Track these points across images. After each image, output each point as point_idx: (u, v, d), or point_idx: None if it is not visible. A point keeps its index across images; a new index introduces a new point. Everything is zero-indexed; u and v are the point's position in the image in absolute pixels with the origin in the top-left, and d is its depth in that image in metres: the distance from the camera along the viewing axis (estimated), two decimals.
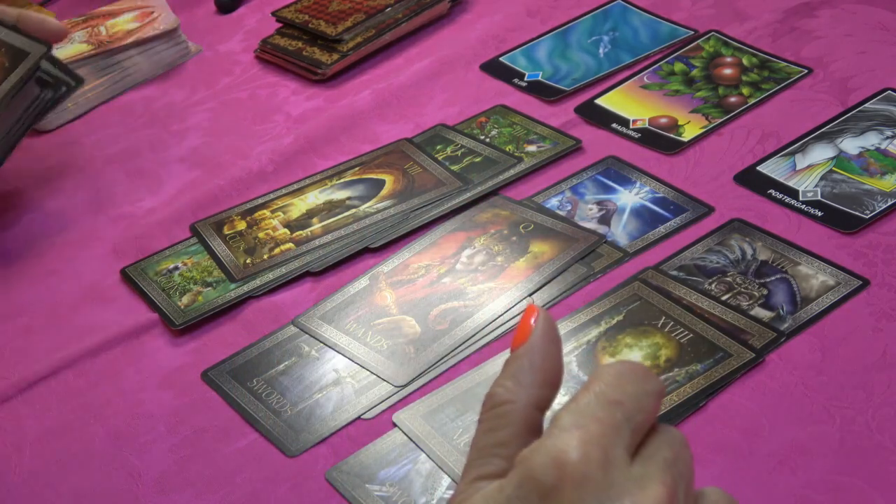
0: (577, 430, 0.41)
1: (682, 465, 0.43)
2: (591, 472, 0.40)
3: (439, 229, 0.84)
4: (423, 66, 1.06)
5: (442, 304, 0.76)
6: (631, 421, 0.42)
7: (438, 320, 0.75)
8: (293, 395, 0.72)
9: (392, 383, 0.71)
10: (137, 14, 1.18)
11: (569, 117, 0.96)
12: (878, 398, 0.65)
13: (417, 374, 0.71)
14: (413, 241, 0.83)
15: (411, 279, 0.79)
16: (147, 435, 0.72)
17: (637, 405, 0.43)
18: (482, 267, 0.79)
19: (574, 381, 0.69)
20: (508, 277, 0.77)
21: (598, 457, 0.40)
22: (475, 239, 0.81)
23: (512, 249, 0.80)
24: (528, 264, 0.78)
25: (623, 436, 0.42)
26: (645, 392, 0.43)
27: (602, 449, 0.40)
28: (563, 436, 0.41)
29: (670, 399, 0.66)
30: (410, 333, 0.74)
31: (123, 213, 0.94)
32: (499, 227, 0.82)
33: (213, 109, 1.08)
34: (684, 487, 0.43)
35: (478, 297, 0.76)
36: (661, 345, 0.70)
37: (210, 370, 0.76)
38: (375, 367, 0.72)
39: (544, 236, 0.80)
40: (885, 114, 0.88)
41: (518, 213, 0.83)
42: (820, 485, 0.60)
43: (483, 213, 0.84)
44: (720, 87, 0.96)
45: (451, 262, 0.80)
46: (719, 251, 0.78)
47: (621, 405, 0.42)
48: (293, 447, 0.68)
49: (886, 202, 0.79)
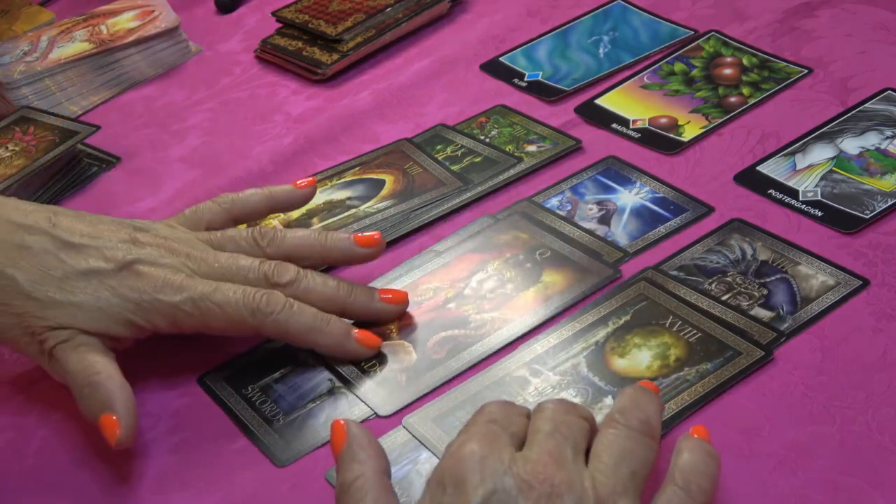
0: (464, 435, 0.55)
1: (564, 430, 0.55)
2: (487, 454, 0.52)
3: (456, 248, 0.82)
4: (423, 66, 1.07)
5: (443, 331, 0.75)
6: (506, 430, 0.55)
7: (436, 349, 0.74)
8: (286, 403, 0.72)
9: (378, 413, 0.70)
10: (138, 13, 1.18)
11: (569, 117, 0.96)
12: (878, 398, 0.65)
13: (404, 406, 0.70)
14: (427, 259, 0.82)
15: (417, 301, 0.77)
16: (147, 435, 0.72)
17: (508, 421, 0.56)
18: (490, 294, 0.77)
19: (584, 382, 0.69)
20: (514, 308, 0.76)
21: (489, 443, 0.53)
22: (489, 262, 0.80)
23: (524, 277, 0.78)
24: (536, 295, 0.76)
25: (503, 436, 0.55)
26: (517, 413, 0.58)
27: (489, 438, 0.54)
28: (457, 440, 0.55)
29: (682, 399, 0.66)
30: (405, 360, 0.73)
31: (123, 213, 0.94)
32: (515, 252, 0.80)
33: (212, 109, 1.08)
34: (572, 444, 0.54)
35: (480, 328, 0.74)
36: (670, 344, 0.70)
37: (206, 375, 0.75)
38: (364, 394, 0.71)
39: (559, 265, 0.79)
40: (885, 114, 0.88)
41: (538, 237, 0.81)
42: (820, 485, 0.60)
43: (504, 234, 0.82)
44: (720, 87, 0.96)
45: (459, 287, 0.78)
46: (719, 251, 0.78)
47: (494, 422, 0.56)
48: (283, 457, 0.68)
49: (886, 202, 0.79)
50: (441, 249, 0.83)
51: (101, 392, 0.67)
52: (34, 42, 1.15)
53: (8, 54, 1.13)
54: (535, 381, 0.69)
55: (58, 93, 1.11)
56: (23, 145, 0.98)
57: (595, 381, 0.69)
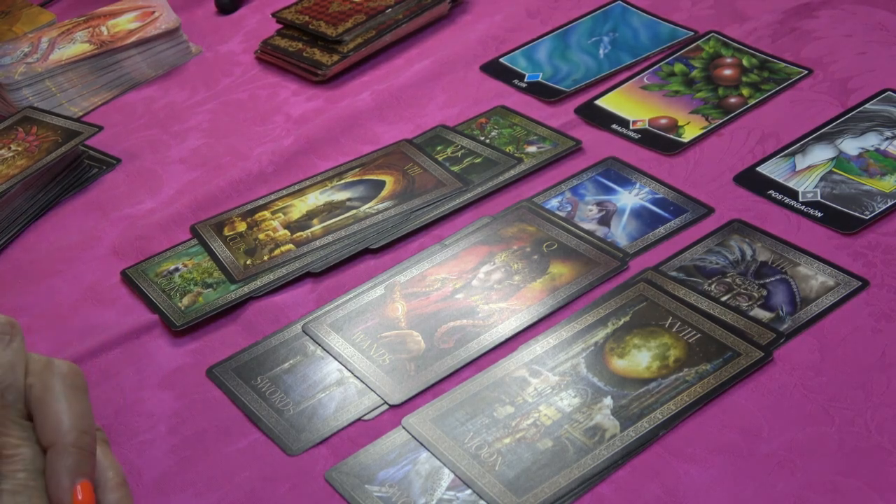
0: None
1: None
2: None
3: (463, 241, 0.83)
4: (424, 67, 1.07)
5: (451, 321, 0.75)
6: None
7: (444, 338, 0.74)
8: (296, 393, 0.72)
9: (387, 401, 0.70)
10: (139, 14, 1.18)
11: (569, 118, 0.96)
12: (877, 399, 0.65)
13: (413, 394, 0.71)
14: (435, 251, 0.82)
15: (426, 292, 0.78)
16: (147, 435, 0.72)
17: None
18: (498, 285, 0.78)
19: (583, 382, 0.69)
20: (522, 299, 0.76)
21: None
22: (496, 255, 0.80)
23: (531, 269, 0.79)
24: (543, 286, 0.77)
25: None
26: None
27: None
28: None
29: (681, 399, 0.66)
30: (414, 350, 0.74)
31: (124, 215, 0.94)
32: (522, 244, 0.81)
33: (213, 110, 1.08)
34: (13, 390, 0.51)
35: (488, 317, 0.75)
36: (669, 345, 0.70)
37: (215, 367, 0.76)
38: (374, 383, 0.72)
39: (565, 257, 0.79)
40: (884, 114, 0.88)
41: (544, 229, 0.82)
42: (819, 485, 0.61)
43: (510, 226, 0.83)
44: (720, 88, 0.96)
45: (467, 277, 0.79)
46: (719, 252, 0.78)
47: None
48: (294, 446, 0.69)
49: (886, 203, 0.79)
50: (448, 242, 0.83)
51: None
52: (35, 43, 1.16)
53: (8, 55, 1.14)
54: (534, 381, 0.70)
55: (58, 94, 1.11)
56: (25, 145, 0.98)
57: (594, 382, 0.69)
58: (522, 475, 0.64)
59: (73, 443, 0.51)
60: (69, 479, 0.50)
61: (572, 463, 0.64)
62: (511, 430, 0.66)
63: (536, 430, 0.66)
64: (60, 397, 0.52)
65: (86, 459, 0.51)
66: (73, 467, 0.51)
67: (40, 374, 0.53)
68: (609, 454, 0.64)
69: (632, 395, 0.67)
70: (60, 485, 0.50)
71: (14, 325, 0.55)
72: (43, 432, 0.52)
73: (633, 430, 0.65)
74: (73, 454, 0.51)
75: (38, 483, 0.50)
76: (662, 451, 0.64)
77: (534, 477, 0.63)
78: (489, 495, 0.63)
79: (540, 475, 0.63)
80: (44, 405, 0.52)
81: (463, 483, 0.64)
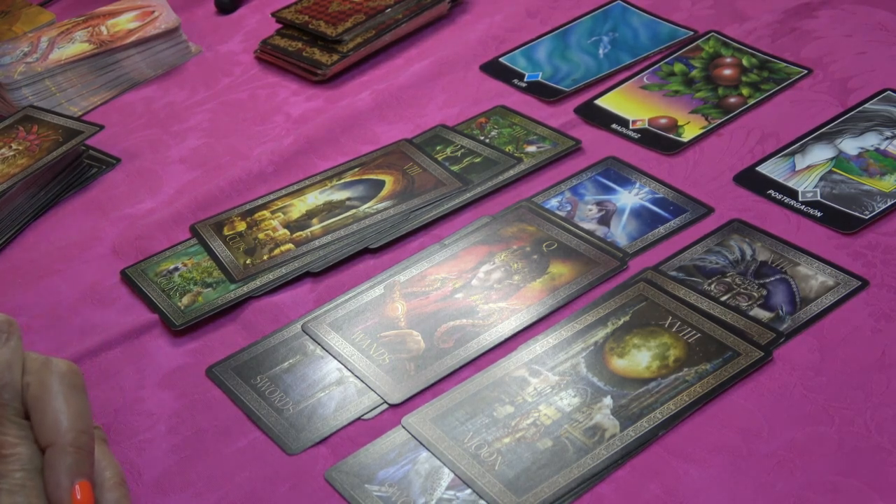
0: None
1: None
2: None
3: (463, 240, 0.83)
4: (423, 67, 1.07)
5: (451, 320, 0.75)
6: None
7: (444, 338, 0.74)
8: (296, 393, 0.72)
9: (387, 401, 0.70)
10: (138, 13, 1.18)
11: (568, 118, 0.96)
12: (876, 399, 0.65)
13: (413, 394, 0.71)
14: (435, 251, 0.82)
15: (425, 291, 0.78)
16: (147, 434, 0.72)
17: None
18: (498, 285, 0.78)
19: (583, 382, 0.69)
20: (522, 298, 0.76)
21: None
22: (496, 254, 0.80)
23: (531, 268, 0.79)
24: (543, 286, 0.77)
25: None
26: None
27: None
28: None
29: (681, 399, 0.66)
30: (414, 349, 0.74)
31: (124, 214, 0.94)
32: (522, 244, 0.81)
33: (213, 110, 1.08)
34: (10, 389, 0.52)
35: (487, 317, 0.75)
36: (669, 345, 0.70)
37: (215, 366, 0.76)
38: (373, 382, 0.72)
39: (565, 257, 0.79)
40: (884, 114, 0.88)
41: (544, 229, 0.82)
42: (819, 485, 0.61)
43: (509, 226, 0.83)
44: (720, 88, 0.96)
45: (467, 277, 0.79)
46: (719, 252, 0.78)
47: None
48: (294, 445, 0.69)
49: (886, 203, 0.79)
50: (448, 242, 0.83)
51: None
52: (34, 43, 1.16)
53: (8, 55, 1.14)
54: (534, 381, 0.70)
55: (58, 93, 1.11)
56: (26, 144, 0.98)
57: (594, 382, 0.69)
58: (522, 475, 0.64)
59: (71, 442, 0.51)
60: (68, 479, 0.50)
61: (572, 463, 0.64)
62: (511, 430, 0.66)
63: (536, 429, 0.66)
64: (58, 396, 0.52)
65: (84, 459, 0.51)
66: (72, 467, 0.51)
67: (38, 372, 0.53)
68: (609, 454, 0.64)
69: (631, 395, 0.67)
70: (59, 485, 0.50)
71: (12, 324, 0.55)
72: (41, 432, 0.52)
73: (633, 429, 0.65)
74: (72, 454, 0.51)
75: (36, 482, 0.51)
76: (662, 450, 0.64)
77: (533, 477, 0.63)
78: (489, 495, 0.63)
79: (540, 475, 0.63)
80: (42, 404, 0.52)
81: (463, 483, 0.64)
